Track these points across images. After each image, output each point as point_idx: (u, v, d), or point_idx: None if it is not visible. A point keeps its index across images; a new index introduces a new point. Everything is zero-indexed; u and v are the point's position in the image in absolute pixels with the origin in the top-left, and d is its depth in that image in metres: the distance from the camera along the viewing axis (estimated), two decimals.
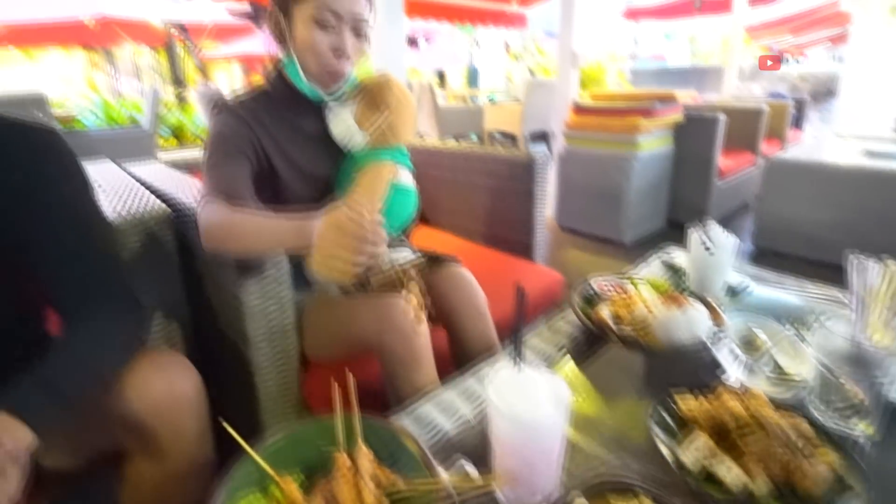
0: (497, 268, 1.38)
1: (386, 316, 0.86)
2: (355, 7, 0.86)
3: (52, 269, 0.69)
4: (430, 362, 0.88)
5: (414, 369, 0.85)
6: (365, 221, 0.62)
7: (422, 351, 0.86)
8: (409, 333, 0.85)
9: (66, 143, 0.71)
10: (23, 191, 0.66)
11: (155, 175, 1.28)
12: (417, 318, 0.63)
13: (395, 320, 0.85)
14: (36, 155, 0.67)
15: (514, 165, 1.42)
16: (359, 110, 0.97)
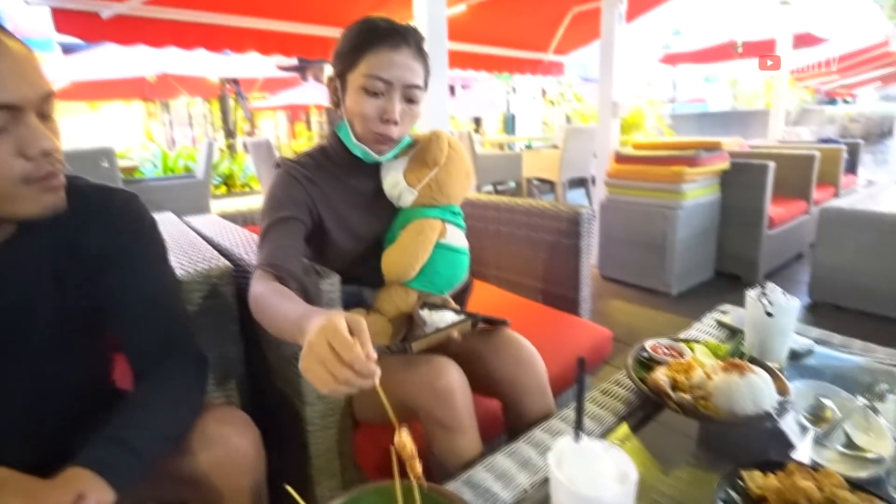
0: (543, 323, 1.36)
1: (426, 378, 0.84)
2: (405, 73, 0.89)
3: (129, 327, 0.73)
4: (474, 427, 0.85)
5: (456, 434, 0.82)
6: (354, 353, 0.55)
7: (464, 415, 0.83)
8: (450, 396, 0.82)
9: (145, 206, 0.77)
10: (107, 253, 0.70)
11: (213, 228, 1.35)
12: (410, 467, 0.56)
13: (435, 383, 0.83)
14: (120, 219, 0.72)
15: (559, 219, 1.43)
16: (409, 167, 1.00)
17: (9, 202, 0.57)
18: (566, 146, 4.64)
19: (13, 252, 0.64)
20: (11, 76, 0.54)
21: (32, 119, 0.57)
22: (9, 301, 0.64)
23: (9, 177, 0.56)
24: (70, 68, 6.07)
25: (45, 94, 0.58)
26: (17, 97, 0.54)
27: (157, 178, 5.03)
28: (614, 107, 3.00)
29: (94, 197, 0.70)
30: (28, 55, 0.57)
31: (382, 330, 0.98)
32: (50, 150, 0.58)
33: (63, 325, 0.69)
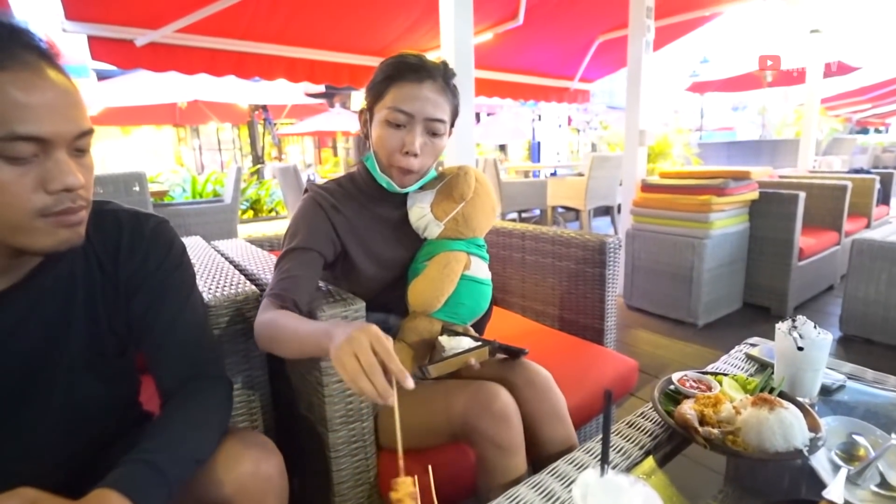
0: (568, 352, 1.35)
1: (482, 401, 0.86)
2: (426, 107, 0.92)
3: (157, 351, 0.74)
4: (524, 449, 0.87)
5: (511, 454, 0.85)
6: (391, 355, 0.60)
7: (518, 436, 0.86)
8: (506, 415, 0.84)
9: (175, 231, 0.79)
10: (137, 277, 0.72)
11: (240, 253, 1.39)
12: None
13: (492, 406, 0.85)
14: (151, 244, 0.74)
15: (585, 248, 1.43)
16: (436, 200, 1.02)
17: (23, 234, 0.57)
18: (592, 174, 4.64)
19: (43, 279, 0.66)
20: (48, 110, 0.54)
21: (62, 155, 0.57)
22: (42, 327, 0.66)
23: (26, 209, 0.55)
24: (104, 94, 6.27)
25: (81, 131, 0.58)
26: (48, 132, 0.54)
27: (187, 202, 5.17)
28: (641, 135, 3.00)
29: (126, 222, 0.72)
30: (71, 90, 0.57)
31: (406, 358, 0.99)
32: (73, 187, 0.57)
33: (94, 349, 0.70)
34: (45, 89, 0.54)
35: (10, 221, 0.55)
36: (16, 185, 0.54)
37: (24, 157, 0.54)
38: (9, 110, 0.52)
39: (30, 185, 0.55)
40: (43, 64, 0.55)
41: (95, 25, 2.77)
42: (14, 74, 0.52)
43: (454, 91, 0.98)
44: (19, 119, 0.52)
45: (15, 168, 0.54)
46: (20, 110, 0.52)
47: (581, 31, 4.59)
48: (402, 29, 3.89)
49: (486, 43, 4.03)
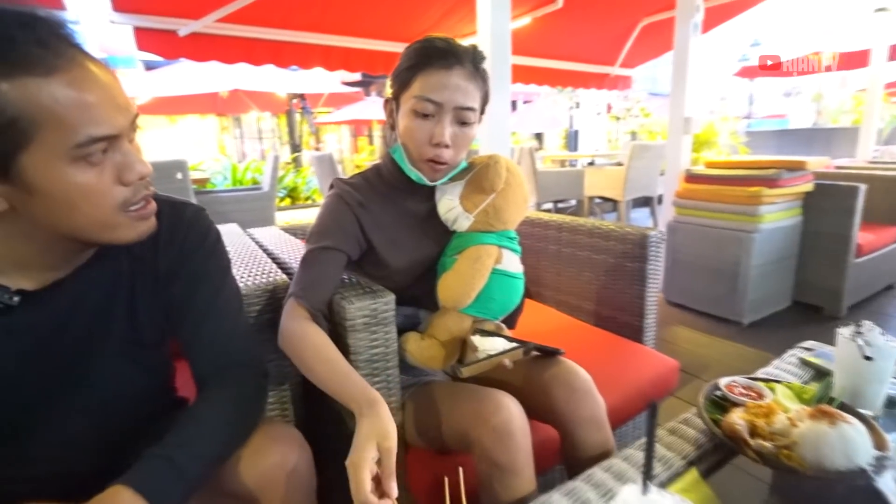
0: (604, 350, 1.30)
1: (483, 413, 0.80)
2: (455, 95, 0.87)
3: (192, 339, 0.75)
4: (530, 466, 0.81)
5: (511, 473, 0.78)
6: None
7: (521, 456, 0.79)
8: (507, 432, 0.78)
9: (211, 220, 0.79)
10: (174, 266, 0.73)
11: (274, 241, 1.39)
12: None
13: (491, 416, 0.79)
14: (188, 232, 0.74)
15: (625, 241, 1.36)
16: (465, 191, 0.98)
17: (108, 230, 0.59)
18: (631, 164, 4.48)
19: (94, 270, 0.67)
20: (106, 106, 0.54)
21: (126, 145, 0.57)
22: (87, 317, 0.67)
23: (111, 205, 0.57)
24: (151, 84, 6.46)
25: (133, 117, 0.58)
26: (114, 128, 0.55)
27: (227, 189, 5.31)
28: (686, 123, 2.86)
29: (165, 211, 0.72)
30: (113, 81, 0.56)
31: (436, 355, 0.96)
32: (146, 174, 0.59)
33: (133, 338, 0.71)
34: (95, 86, 0.53)
35: (97, 220, 0.57)
36: (99, 183, 0.55)
37: (100, 155, 0.55)
38: (78, 115, 0.51)
39: (109, 180, 0.56)
40: (83, 57, 0.53)
41: (141, 17, 2.85)
42: (68, 74, 0.51)
43: (484, 76, 0.93)
44: (90, 121, 0.52)
45: (93, 168, 0.55)
46: (87, 112, 0.52)
47: (624, 13, 4.41)
48: (438, 14, 3.83)
49: (523, 28, 3.94)
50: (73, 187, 0.54)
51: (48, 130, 0.50)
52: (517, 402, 0.83)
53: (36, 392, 0.65)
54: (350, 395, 0.71)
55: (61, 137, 0.51)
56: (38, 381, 0.65)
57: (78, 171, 0.53)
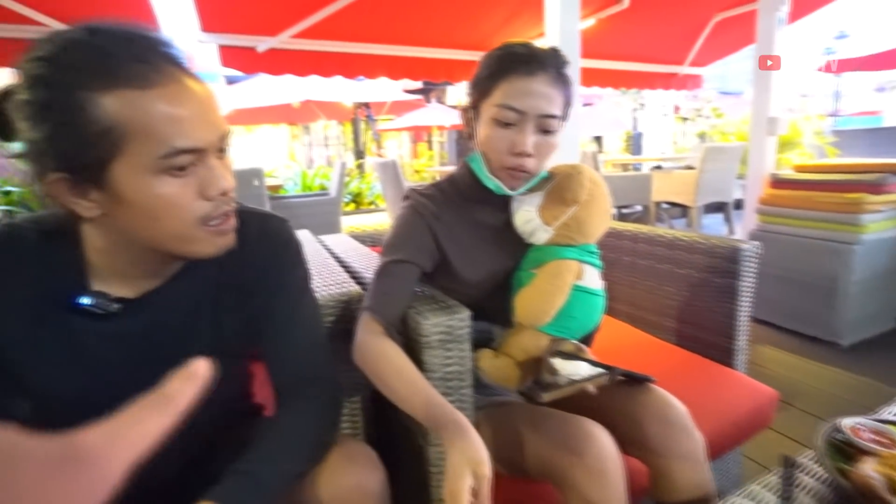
0: (689, 374, 1.19)
1: (573, 446, 0.75)
2: (539, 102, 0.82)
3: (273, 349, 0.75)
4: None
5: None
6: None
7: (615, 492, 0.73)
8: (602, 469, 0.72)
9: (293, 231, 0.79)
10: (258, 277, 0.73)
11: (344, 248, 1.38)
12: None
13: (583, 450, 0.73)
14: (273, 243, 0.75)
15: (713, 254, 1.25)
16: (544, 203, 0.93)
17: (187, 243, 0.59)
18: (704, 167, 4.23)
19: (182, 282, 0.68)
20: (196, 121, 0.55)
21: (213, 160, 0.58)
22: (176, 326, 0.68)
23: (190, 218, 0.57)
24: (232, 97, 6.96)
25: (223, 133, 0.59)
26: (201, 141, 0.56)
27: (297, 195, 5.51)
28: (771, 123, 2.65)
29: (251, 222, 0.73)
30: (209, 97, 0.58)
31: (510, 374, 0.91)
32: (228, 190, 0.59)
33: (217, 348, 0.71)
34: (189, 100, 0.55)
35: (176, 232, 0.57)
36: (181, 196, 0.56)
37: (183, 168, 0.55)
38: (167, 127, 0.53)
39: (191, 194, 0.57)
40: (181, 75, 0.55)
41: (224, 35, 3.06)
42: (164, 89, 0.53)
43: (567, 81, 0.88)
44: (178, 134, 0.53)
45: (177, 180, 0.55)
46: (177, 125, 0.53)
47: (695, 9, 4.19)
48: (500, 20, 3.80)
49: (587, 30, 3.85)
50: (156, 198, 0.55)
51: (138, 141, 0.52)
52: (609, 435, 0.77)
53: (126, 399, 0.65)
54: (434, 418, 0.69)
55: (149, 148, 0.52)
56: (129, 389, 0.65)
57: (162, 182, 0.54)
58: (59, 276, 0.60)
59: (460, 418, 0.67)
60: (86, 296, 0.60)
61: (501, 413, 0.90)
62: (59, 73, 0.50)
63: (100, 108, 0.50)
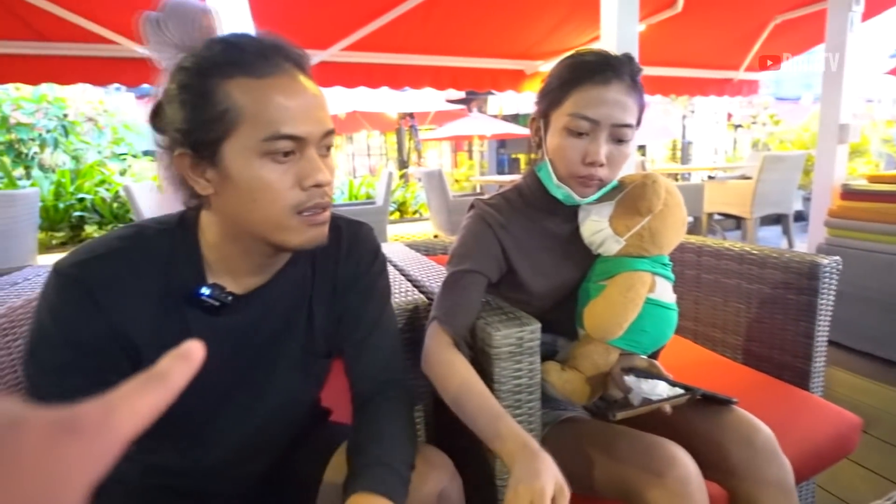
0: (760, 395, 1.12)
1: (652, 463, 0.72)
2: (613, 111, 0.81)
3: (358, 351, 0.77)
4: None
5: None
6: None
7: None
8: (685, 493, 0.69)
9: (378, 240, 0.81)
10: (348, 280, 0.75)
11: (402, 258, 1.39)
12: None
13: (664, 472, 0.71)
14: (363, 249, 0.77)
15: (787, 270, 1.19)
16: (616, 213, 0.90)
17: (280, 231, 0.61)
18: (761, 177, 4.05)
19: (283, 281, 0.70)
20: (301, 112, 0.58)
21: (313, 153, 0.60)
22: (275, 324, 0.71)
23: (285, 204, 0.59)
24: None
25: (326, 130, 0.62)
26: (302, 131, 0.58)
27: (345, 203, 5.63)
28: (842, 130, 2.51)
29: (344, 227, 0.77)
30: (318, 96, 0.62)
31: (579, 389, 0.89)
32: (324, 183, 0.61)
33: (308, 348, 0.74)
34: (301, 94, 0.59)
35: (271, 217, 0.60)
36: (279, 182, 0.58)
37: (285, 155, 0.58)
38: (274, 112, 0.57)
39: (289, 182, 0.59)
40: (297, 72, 0.61)
41: None
42: (276, 80, 0.58)
43: (640, 88, 0.86)
44: (282, 120, 0.57)
45: (278, 166, 0.58)
46: (283, 112, 0.57)
47: (753, 12, 4.04)
48: (546, 29, 3.78)
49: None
50: (256, 180, 0.58)
51: (248, 123, 0.56)
52: (690, 457, 0.74)
53: (223, 394, 0.69)
54: (501, 437, 0.68)
55: (256, 131, 0.56)
56: (228, 384, 0.69)
57: (264, 165, 0.58)
58: (179, 272, 0.63)
59: (533, 445, 0.66)
60: (205, 287, 0.63)
61: (570, 429, 0.88)
62: (199, 63, 0.57)
63: (222, 93, 0.56)
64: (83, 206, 5.92)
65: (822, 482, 1.37)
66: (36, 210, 3.50)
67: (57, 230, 5.77)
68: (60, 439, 0.19)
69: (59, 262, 0.59)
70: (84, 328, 0.57)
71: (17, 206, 3.21)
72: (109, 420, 0.21)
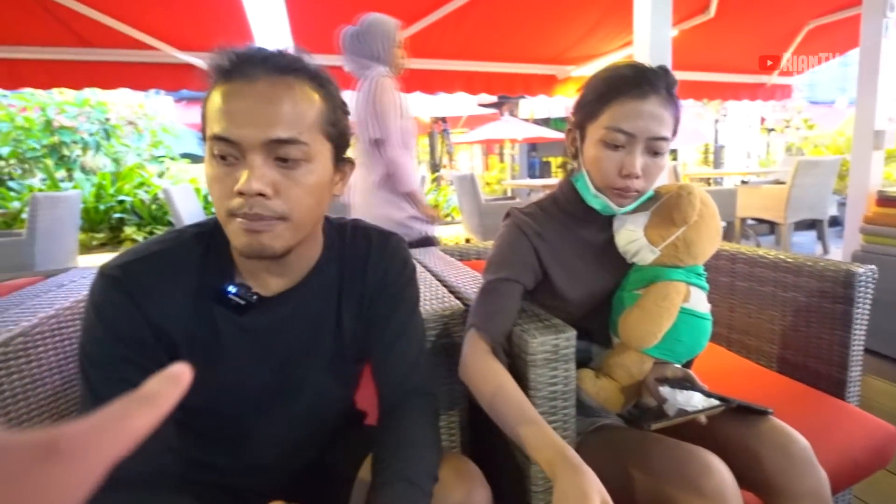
0: (794, 404, 1.12)
1: (687, 471, 0.73)
2: (650, 125, 0.82)
3: (384, 358, 0.79)
4: None
5: None
6: None
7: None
8: (723, 502, 0.70)
9: (409, 251, 0.83)
10: (378, 287, 0.77)
11: (437, 263, 1.42)
12: None
13: (701, 481, 0.71)
14: (393, 258, 0.79)
15: (823, 278, 1.19)
16: (651, 223, 0.92)
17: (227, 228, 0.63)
18: (796, 181, 3.97)
19: (312, 285, 0.73)
20: (240, 117, 0.58)
21: (256, 161, 0.59)
22: (303, 328, 0.73)
23: (222, 207, 0.61)
24: None
25: (271, 138, 0.59)
26: (234, 135, 0.58)
27: None
28: (877, 136, 2.46)
29: (374, 237, 0.79)
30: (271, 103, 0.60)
31: (613, 397, 0.91)
32: (249, 192, 0.58)
33: (338, 352, 0.77)
34: (251, 97, 0.59)
35: (220, 215, 0.62)
36: (218, 182, 0.60)
37: (224, 158, 0.60)
38: (213, 114, 0.60)
39: (228, 184, 0.59)
40: (283, 78, 0.61)
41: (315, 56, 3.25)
42: (228, 85, 0.60)
43: (676, 100, 0.88)
44: (217, 121, 0.59)
45: (222, 168, 0.60)
46: (220, 114, 0.59)
47: (786, 17, 3.98)
48: (578, 34, 3.79)
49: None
50: (208, 178, 0.62)
51: (207, 124, 0.61)
52: (726, 466, 0.74)
53: (255, 396, 0.72)
54: (539, 445, 0.68)
55: (208, 131, 0.61)
56: (263, 384, 0.72)
57: (211, 165, 0.61)
58: (211, 272, 0.67)
59: (572, 453, 0.66)
60: (232, 285, 0.67)
61: (604, 437, 0.90)
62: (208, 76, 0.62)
63: (208, 98, 0.61)
64: (123, 208, 6.15)
65: (858, 493, 1.35)
66: (78, 212, 3.62)
67: (97, 231, 6.00)
68: (43, 463, 0.19)
69: (105, 265, 0.64)
70: (125, 324, 0.62)
71: (61, 207, 3.31)
72: (95, 442, 0.20)
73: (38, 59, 3.08)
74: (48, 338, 0.85)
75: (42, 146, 6.55)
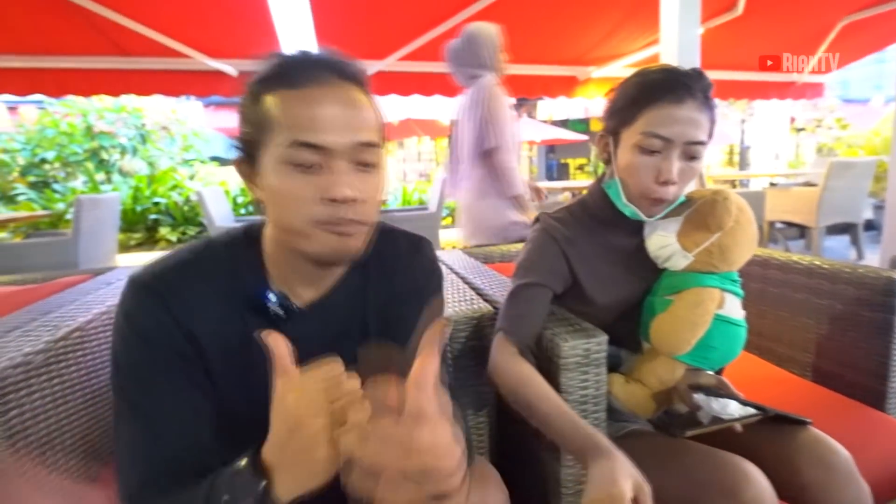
0: (830, 414, 1.08)
1: (724, 481, 0.72)
2: (686, 129, 0.81)
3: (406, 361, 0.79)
4: None
5: None
6: None
7: None
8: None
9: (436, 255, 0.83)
10: (404, 291, 0.76)
11: (463, 265, 1.43)
12: None
13: (738, 491, 0.70)
14: (421, 262, 0.78)
15: (861, 286, 1.16)
16: (683, 229, 0.91)
17: (302, 238, 0.61)
18: (828, 184, 3.87)
19: (339, 293, 0.72)
20: (327, 122, 0.58)
21: (342, 166, 0.59)
22: (329, 337, 0.72)
23: (306, 217, 0.59)
24: None
25: (358, 142, 0.61)
26: (324, 141, 0.58)
27: (399, 209, 5.70)
28: None
29: (404, 242, 0.79)
30: (362, 108, 0.62)
31: (643, 402, 0.91)
32: (340, 198, 0.59)
33: None
34: (332, 103, 0.59)
35: (294, 226, 0.60)
36: (300, 191, 0.59)
37: (309, 166, 0.58)
38: (297, 120, 0.58)
39: (310, 193, 0.58)
40: (343, 83, 0.61)
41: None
42: (306, 90, 0.59)
43: (712, 104, 0.87)
44: (303, 128, 0.58)
45: (301, 176, 0.58)
46: (306, 120, 0.58)
47: (818, 13, 3.87)
48: (600, 35, 3.76)
49: None
50: (280, 187, 0.59)
51: (277, 131, 0.58)
52: (764, 475, 0.73)
53: None
54: (571, 437, 0.70)
55: (282, 138, 0.58)
56: None
57: (288, 173, 0.58)
58: (245, 281, 0.67)
59: (604, 440, 0.67)
60: (272, 293, 0.66)
61: (634, 442, 0.89)
62: (255, 79, 0.62)
63: (265, 104, 0.59)
64: (158, 210, 6.39)
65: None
66: (118, 213, 3.80)
67: (134, 231, 6.25)
68: None
69: (135, 273, 0.64)
70: (156, 331, 0.61)
71: (102, 209, 3.49)
72: None
73: (80, 69, 3.25)
74: (101, 332, 0.92)
75: (84, 150, 6.83)
